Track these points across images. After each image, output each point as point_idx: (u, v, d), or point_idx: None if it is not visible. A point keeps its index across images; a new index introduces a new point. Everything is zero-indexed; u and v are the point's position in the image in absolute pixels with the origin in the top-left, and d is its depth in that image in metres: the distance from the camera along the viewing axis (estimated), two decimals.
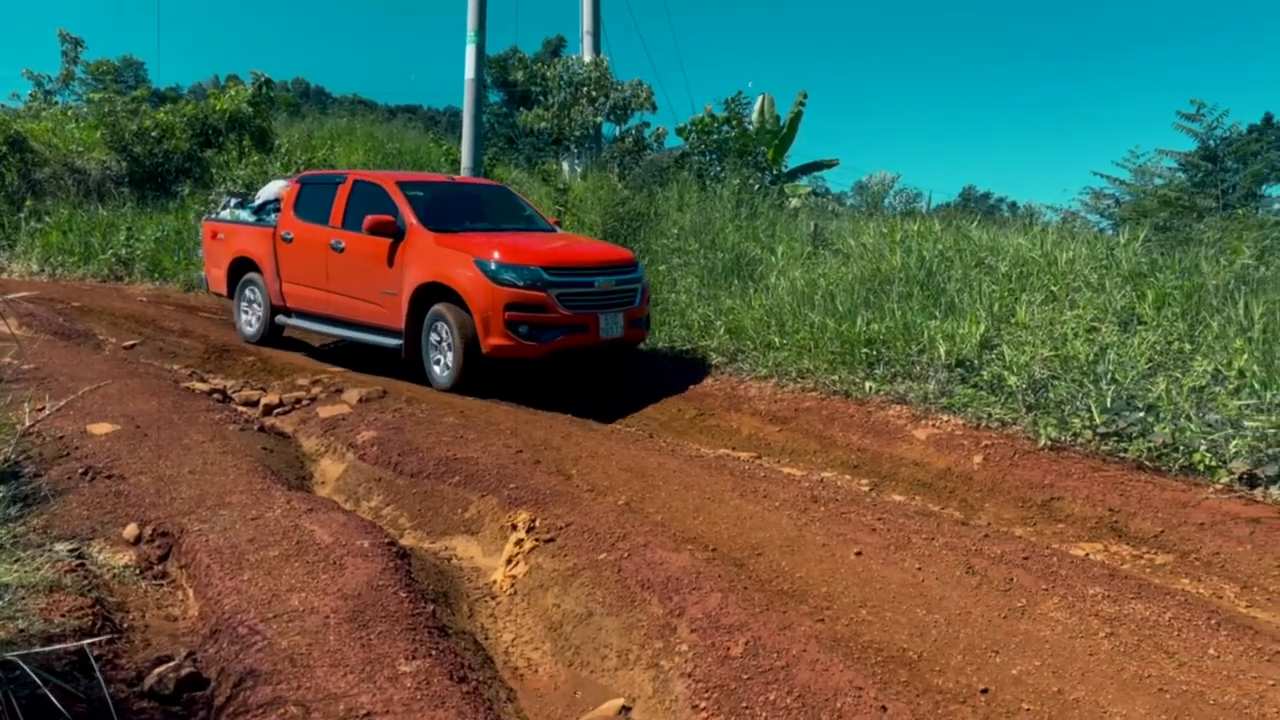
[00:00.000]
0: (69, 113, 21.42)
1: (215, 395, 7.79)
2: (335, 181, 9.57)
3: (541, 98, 17.29)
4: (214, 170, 17.47)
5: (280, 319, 10.08)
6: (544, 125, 17.06)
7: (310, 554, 4.11)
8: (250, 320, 10.45)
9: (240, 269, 10.50)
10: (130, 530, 4.46)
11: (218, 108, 18.41)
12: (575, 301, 7.94)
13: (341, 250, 9.04)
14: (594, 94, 16.12)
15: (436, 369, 8.24)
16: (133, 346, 10.16)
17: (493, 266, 7.78)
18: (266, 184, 11.63)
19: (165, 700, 3.08)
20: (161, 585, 4.14)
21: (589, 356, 8.83)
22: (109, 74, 27.63)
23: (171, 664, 3.25)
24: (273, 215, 10.27)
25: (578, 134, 16.67)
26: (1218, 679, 3.15)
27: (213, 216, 11.58)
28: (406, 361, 8.44)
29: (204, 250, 11.34)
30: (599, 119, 16.45)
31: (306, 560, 4.05)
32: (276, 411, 7.53)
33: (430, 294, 8.19)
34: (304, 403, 7.64)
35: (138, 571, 4.17)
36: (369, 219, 8.48)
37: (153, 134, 18.05)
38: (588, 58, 17.27)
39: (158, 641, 3.57)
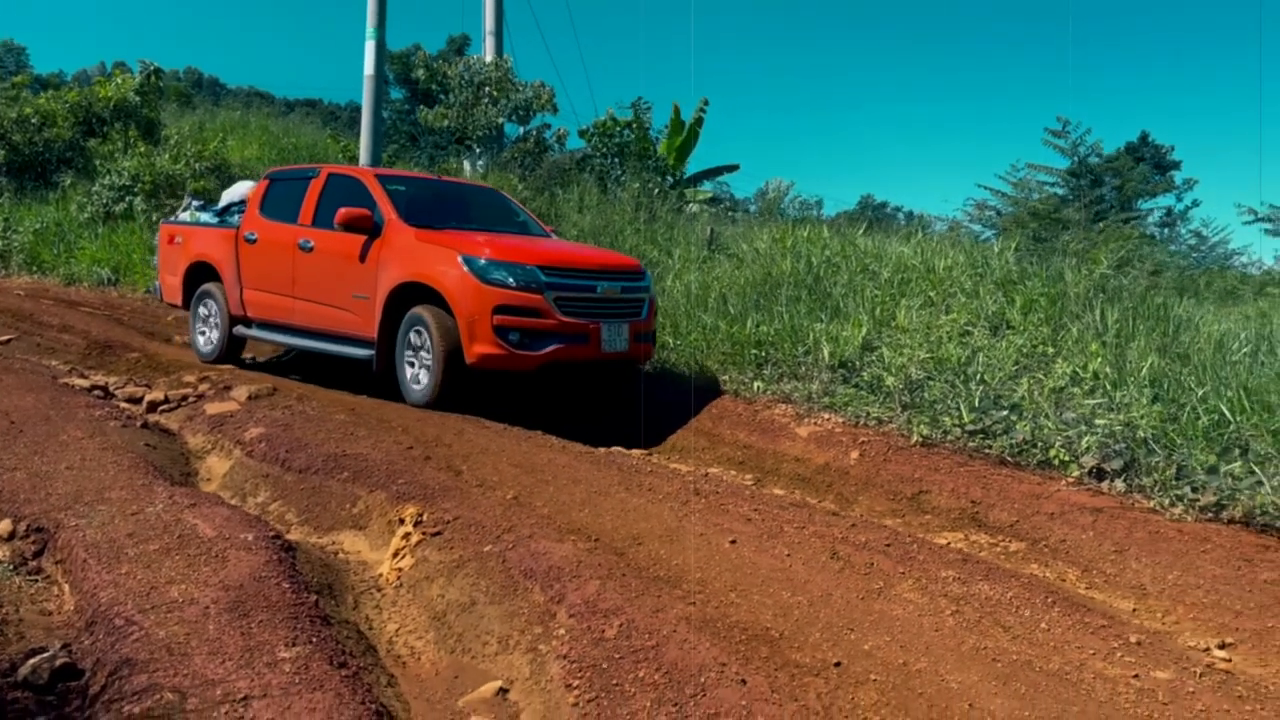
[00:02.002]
0: None
1: (96, 392, 7.61)
2: (307, 176, 8.69)
3: (443, 96, 17.22)
4: (98, 161, 16.88)
5: (240, 330, 8.98)
6: (446, 124, 17.00)
7: (192, 547, 4.12)
8: (207, 336, 9.32)
9: (198, 277, 9.43)
10: (3, 526, 4.39)
11: (102, 96, 17.79)
12: (575, 307, 7.11)
13: (310, 250, 8.09)
14: (495, 94, 16.13)
15: (412, 381, 7.34)
16: (8, 342, 9.82)
17: (481, 263, 6.94)
18: (233, 185, 10.72)
19: (40, 690, 3.08)
20: (36, 581, 4.09)
21: (587, 373, 8.04)
22: None
23: (46, 655, 3.25)
24: (237, 218, 9.37)
25: (480, 133, 16.66)
26: (1045, 649, 3.45)
27: (171, 219, 10.69)
28: (378, 374, 7.63)
29: (159, 256, 10.28)
30: (501, 119, 16.47)
31: (188, 554, 4.05)
32: (161, 409, 7.40)
33: (408, 297, 7.33)
34: (190, 400, 7.53)
35: (11, 567, 4.11)
36: (342, 211, 7.58)
37: (33, 121, 17.37)
38: (490, 58, 17.27)
39: (32, 635, 3.54)
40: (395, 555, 4.70)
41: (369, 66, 14.76)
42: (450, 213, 8.27)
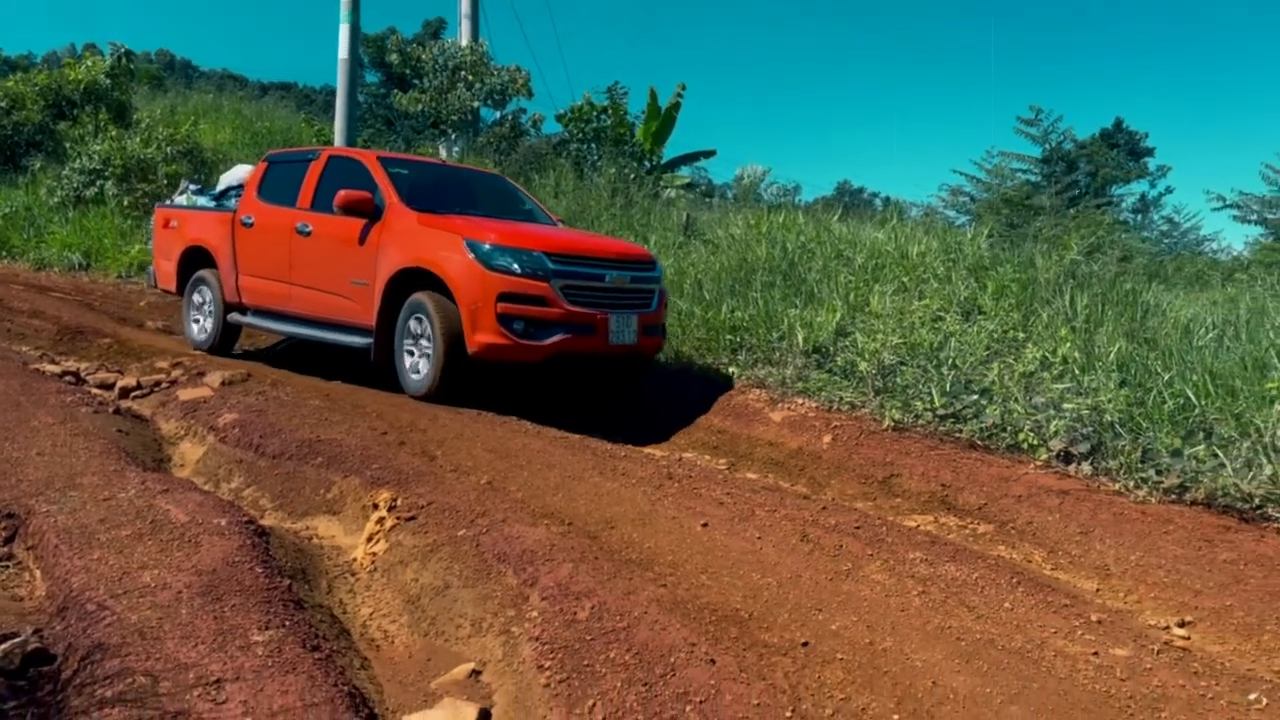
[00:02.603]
0: None
1: (67, 378, 7.56)
2: (307, 158, 8.47)
3: (418, 80, 17.13)
4: (68, 144, 16.68)
5: (235, 318, 8.75)
6: (421, 108, 16.91)
7: (165, 533, 4.12)
8: (201, 324, 9.13)
9: (193, 262, 9.21)
10: None
11: (72, 78, 17.57)
12: (582, 296, 6.87)
13: (308, 234, 7.86)
14: (470, 78, 16.06)
15: (411, 371, 7.10)
16: None
17: (486, 248, 6.71)
18: (231, 168, 10.50)
19: (11, 675, 3.08)
20: (7, 567, 4.08)
21: (594, 366, 7.76)
22: None
23: (17, 640, 3.24)
24: (234, 202, 9.14)
25: (455, 118, 16.58)
26: (1008, 628, 3.52)
27: (167, 203, 10.45)
28: (377, 364, 7.39)
29: (153, 241, 10.07)
30: (476, 103, 16.40)
31: (160, 539, 4.06)
32: (134, 394, 7.37)
33: (408, 282, 7.09)
34: (163, 385, 7.50)
35: None
36: (341, 194, 7.34)
37: (1, 104, 17.11)
38: (465, 41, 17.19)
39: (3, 621, 3.54)
40: (369, 540, 4.72)
41: (343, 50, 14.64)
42: (454, 198, 8.06)
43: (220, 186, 9.80)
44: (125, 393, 7.37)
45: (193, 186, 10.31)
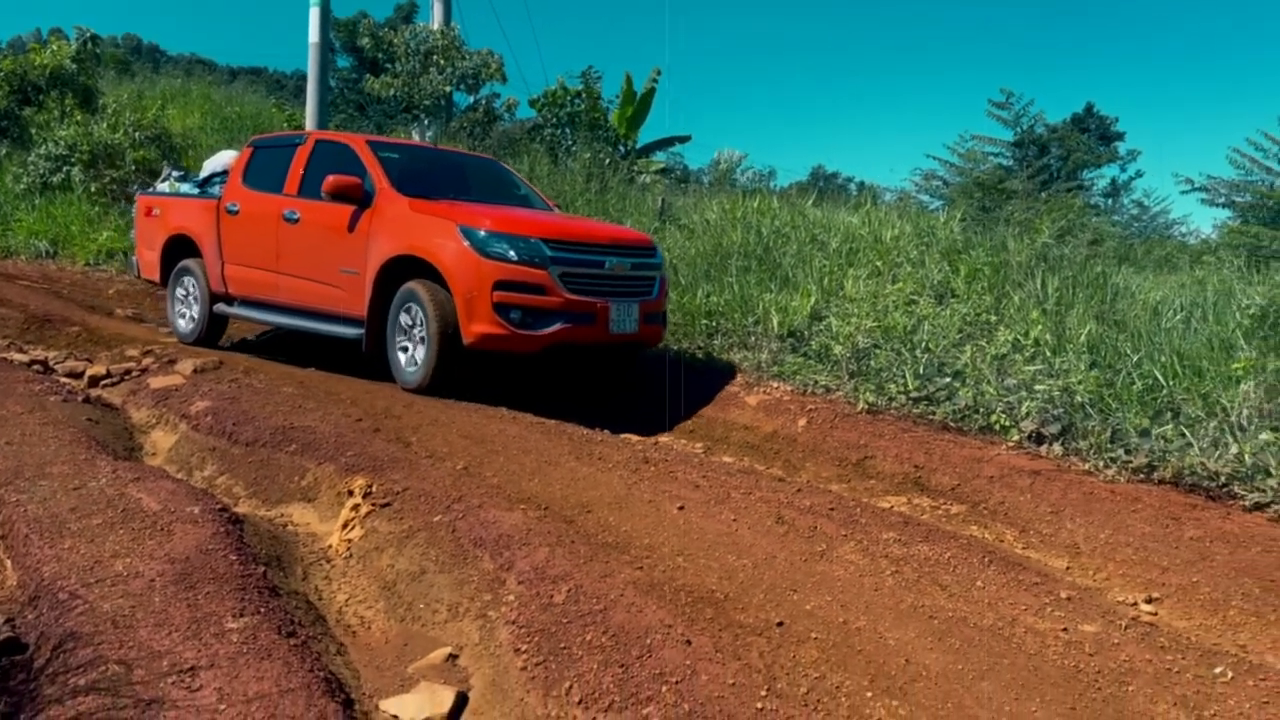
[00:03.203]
0: None
1: (36, 367, 7.47)
2: (294, 143, 8.21)
3: (390, 65, 16.96)
4: (34, 130, 16.41)
5: (221, 308, 8.52)
6: (392, 93, 16.76)
7: (137, 521, 4.09)
8: (185, 315, 8.92)
9: (177, 251, 8.95)
10: None
11: (38, 63, 17.26)
12: (581, 284, 6.66)
13: (295, 221, 7.63)
14: (443, 62, 15.93)
15: (404, 363, 6.89)
16: None
17: (481, 235, 6.48)
18: (215, 154, 10.17)
19: None
20: None
21: (592, 356, 7.63)
22: None
23: None
24: (218, 189, 8.88)
25: (427, 103, 16.45)
26: (980, 606, 3.57)
27: (149, 190, 10.19)
28: (368, 354, 7.22)
29: (135, 230, 9.77)
30: (448, 88, 16.27)
31: (132, 527, 4.02)
32: (104, 383, 7.29)
33: (401, 271, 6.88)
34: (134, 374, 7.42)
35: None
36: (330, 179, 7.09)
37: None
38: (437, 25, 17.03)
39: None
40: (345, 526, 4.70)
41: (314, 34, 14.49)
42: (447, 183, 7.86)
43: (204, 173, 9.53)
44: (95, 381, 7.29)
45: (176, 173, 10.06)
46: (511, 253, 6.45)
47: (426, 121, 17.06)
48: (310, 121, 14.87)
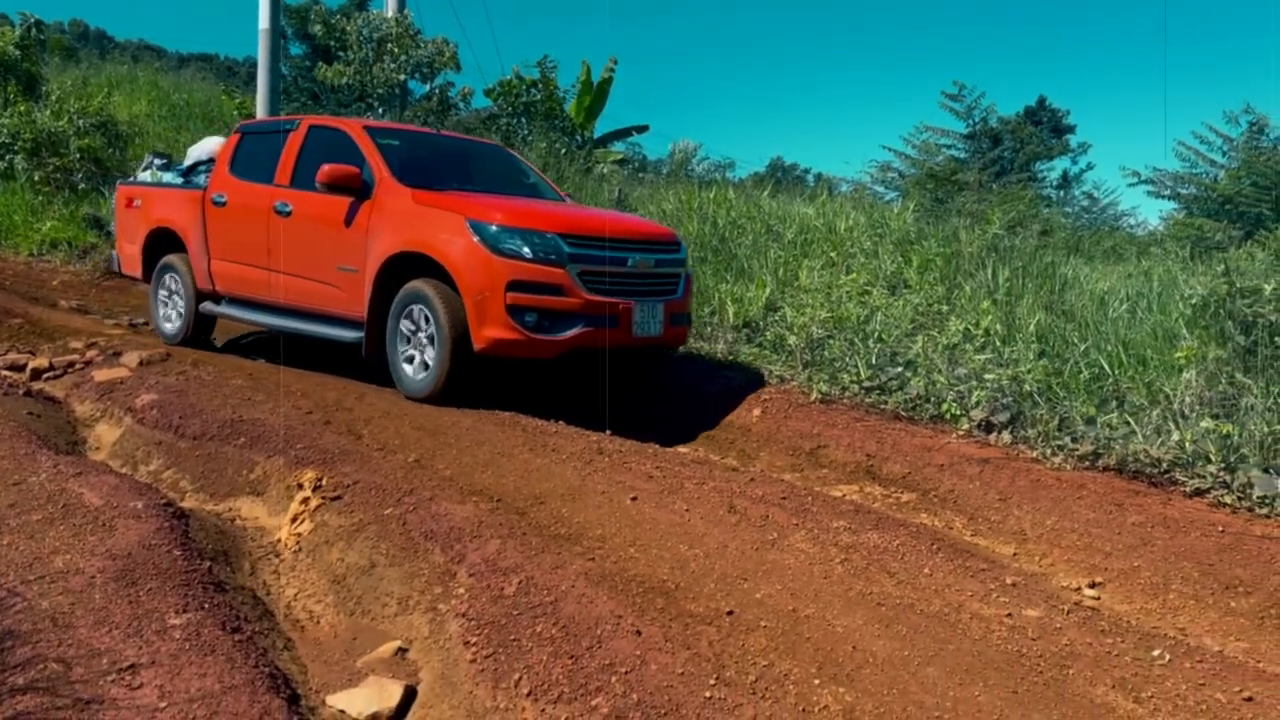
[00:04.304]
0: None
1: None
2: (285, 129, 7.61)
3: (342, 53, 16.74)
4: None
5: (208, 307, 7.95)
6: (346, 81, 16.54)
7: (78, 517, 4.01)
8: (169, 314, 8.37)
9: (159, 246, 8.40)
10: None
11: None
12: (602, 283, 6.12)
13: (288, 214, 7.08)
14: (396, 51, 15.74)
15: (408, 369, 6.36)
16: None
17: (493, 230, 5.95)
18: (199, 141, 9.52)
19: None
20: None
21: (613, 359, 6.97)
22: None
23: None
24: (203, 178, 8.30)
25: (381, 91, 16.25)
26: (927, 593, 3.61)
27: (129, 180, 9.52)
28: (368, 359, 6.68)
29: (115, 222, 9.23)
30: (402, 76, 16.09)
31: (73, 523, 3.95)
32: (46, 376, 7.13)
33: (404, 269, 6.37)
34: (78, 366, 7.27)
35: None
36: (325, 169, 6.53)
37: None
38: (391, 13, 16.82)
39: None
40: (294, 520, 4.65)
41: (264, 20, 14.24)
42: (451, 172, 7.31)
43: (188, 161, 8.97)
44: (37, 374, 7.13)
45: (158, 161, 9.48)
46: (526, 249, 5.94)
47: (381, 110, 16.86)
48: (261, 109, 14.61)
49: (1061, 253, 10.41)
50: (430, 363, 6.19)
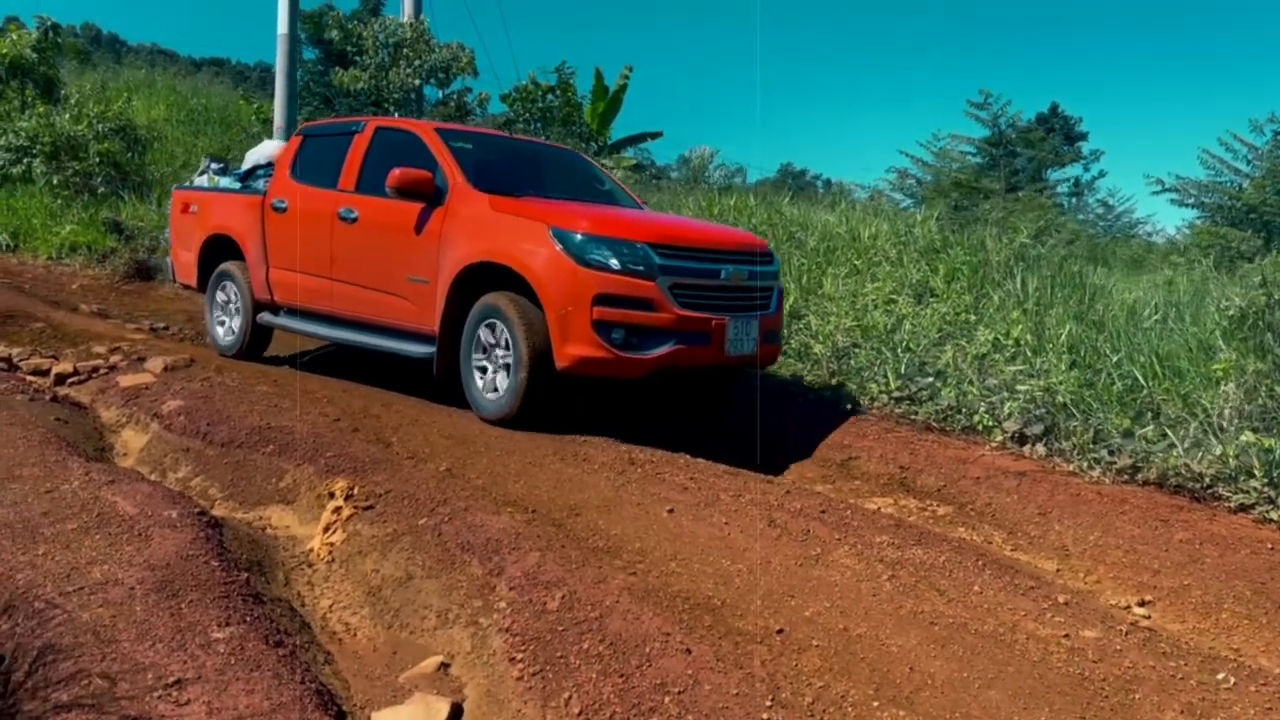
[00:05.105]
0: None
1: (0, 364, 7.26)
2: (350, 130, 7.24)
3: (358, 58, 16.75)
4: None
5: (265, 318, 7.61)
6: (361, 86, 16.55)
7: (113, 526, 3.96)
8: (226, 325, 8.01)
9: (216, 254, 8.04)
10: None
11: None
12: (695, 298, 5.72)
13: (353, 221, 6.73)
14: (412, 55, 15.75)
15: (484, 389, 5.98)
16: None
17: (578, 239, 5.56)
18: (258, 145, 9.24)
19: None
20: None
21: (695, 378, 6.71)
22: None
23: None
24: (262, 183, 8.00)
25: (397, 96, 16.26)
26: (979, 612, 3.54)
27: (185, 185, 9.26)
28: (439, 378, 6.30)
29: (170, 229, 8.85)
30: (418, 81, 16.10)
31: (109, 532, 3.90)
32: (70, 381, 7.10)
33: (480, 281, 5.97)
34: (102, 371, 7.23)
35: None
36: (396, 173, 6.18)
37: None
38: (407, 18, 16.83)
39: None
40: (326, 530, 4.60)
41: (283, 25, 14.26)
42: (525, 177, 6.97)
43: (246, 164, 8.64)
44: (61, 379, 7.09)
45: (215, 165, 9.15)
46: (614, 260, 5.52)
47: (395, 115, 16.86)
48: (278, 114, 14.63)
49: (1084, 262, 10.34)
50: (506, 383, 5.82)
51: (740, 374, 6.89)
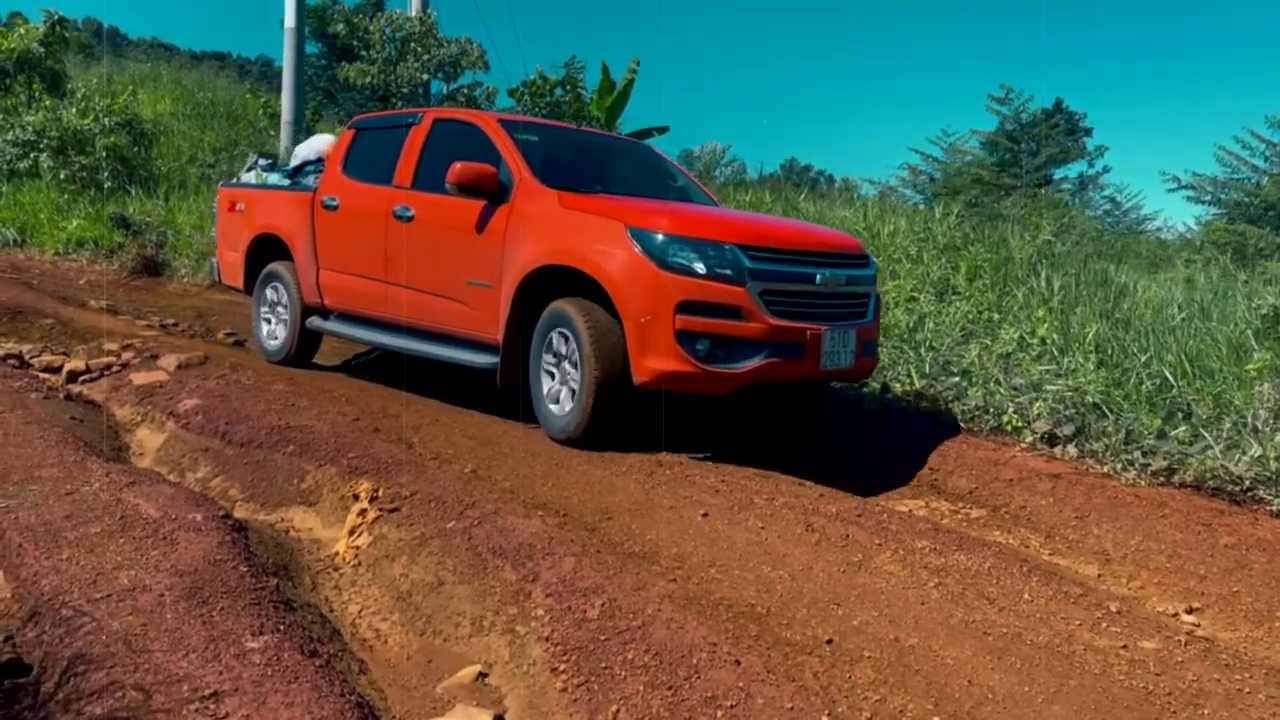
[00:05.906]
0: None
1: (10, 361, 7.17)
2: (406, 123, 6.81)
3: (364, 52, 16.65)
4: (1, 115, 15.91)
5: (315, 323, 7.20)
6: (368, 80, 16.44)
7: (137, 529, 3.87)
8: (272, 329, 7.63)
9: (263, 254, 7.64)
10: None
11: (4, 47, 16.74)
12: (788, 305, 5.17)
13: (410, 220, 6.27)
14: (419, 50, 15.64)
15: (551, 403, 5.52)
16: None
17: (659, 240, 5.03)
18: (307, 139, 8.86)
19: None
20: None
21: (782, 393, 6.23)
22: None
23: None
24: (312, 179, 7.62)
25: (404, 91, 16.16)
26: (1032, 621, 3.45)
27: (232, 181, 8.93)
28: (503, 389, 5.84)
29: (216, 227, 8.49)
30: (425, 76, 16.00)
31: (133, 536, 3.80)
32: (83, 379, 7.00)
33: (548, 285, 5.50)
34: (114, 369, 7.13)
35: None
36: (457, 167, 5.70)
37: None
38: (414, 11, 16.72)
39: None
40: (351, 533, 4.50)
41: (290, 19, 14.16)
42: (594, 173, 6.56)
43: (295, 160, 8.23)
44: (74, 377, 7.00)
45: (262, 161, 8.77)
46: (699, 264, 4.99)
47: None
48: (285, 108, 14.53)
49: (1103, 258, 10.23)
50: (576, 398, 5.32)
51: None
